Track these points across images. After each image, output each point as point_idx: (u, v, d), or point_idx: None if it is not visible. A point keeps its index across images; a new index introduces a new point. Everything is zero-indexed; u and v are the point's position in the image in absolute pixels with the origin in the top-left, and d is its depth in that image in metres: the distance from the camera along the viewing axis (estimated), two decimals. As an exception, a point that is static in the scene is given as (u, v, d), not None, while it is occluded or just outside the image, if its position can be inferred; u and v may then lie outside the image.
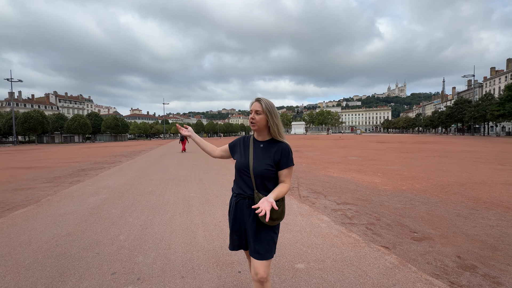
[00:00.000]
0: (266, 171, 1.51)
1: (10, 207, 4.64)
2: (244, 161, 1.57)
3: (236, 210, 1.60)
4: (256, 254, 1.48)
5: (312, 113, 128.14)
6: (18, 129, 48.16)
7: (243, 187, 1.57)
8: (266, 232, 1.52)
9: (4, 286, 2.14)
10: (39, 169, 10.15)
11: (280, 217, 1.50)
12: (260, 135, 1.62)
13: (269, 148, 1.57)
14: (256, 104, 1.55)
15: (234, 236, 1.63)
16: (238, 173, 1.61)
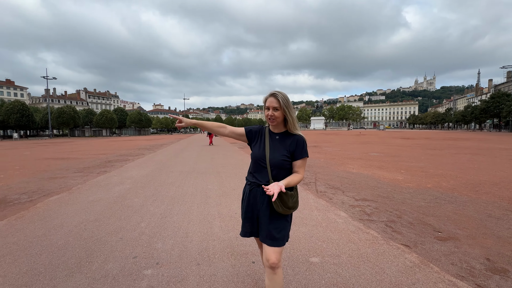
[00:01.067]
0: (282, 162, 1.54)
1: (46, 194, 5.05)
2: (261, 152, 1.60)
3: (249, 198, 1.63)
4: (268, 240, 1.52)
5: (332, 108, 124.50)
6: (53, 123, 52.05)
7: (258, 176, 1.60)
8: (279, 220, 1.55)
9: (40, 263, 2.35)
10: (71, 160, 10.93)
11: (294, 206, 1.54)
12: (276, 127, 1.64)
13: (285, 140, 1.60)
14: (273, 100, 1.54)
15: (247, 223, 1.66)
16: (254, 163, 1.64)
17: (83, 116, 60.40)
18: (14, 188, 5.57)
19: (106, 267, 2.27)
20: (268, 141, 1.63)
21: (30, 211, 3.93)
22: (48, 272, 2.20)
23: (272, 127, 1.66)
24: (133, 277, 2.11)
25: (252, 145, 1.70)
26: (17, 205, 4.29)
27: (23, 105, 49.36)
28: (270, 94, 1.57)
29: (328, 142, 20.89)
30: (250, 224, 1.65)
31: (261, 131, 1.72)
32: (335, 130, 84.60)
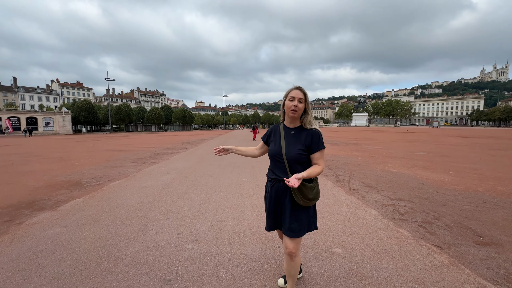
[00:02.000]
0: (298, 155, 1.60)
1: (109, 179, 6.02)
2: (277, 148, 1.67)
3: (271, 193, 1.71)
4: (289, 232, 1.61)
5: (377, 103, 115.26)
6: (112, 119, 59.22)
7: (278, 172, 1.67)
8: (300, 212, 1.63)
9: (109, 232, 2.95)
10: (127, 152, 12.51)
11: (315, 197, 1.62)
12: (293, 122, 1.70)
13: (300, 134, 1.66)
14: (298, 93, 1.62)
15: (270, 217, 1.74)
16: (272, 160, 1.72)
17: (136, 113, 67.36)
18: (86, 174, 6.74)
19: (157, 239, 2.75)
20: (283, 136, 1.69)
21: (99, 192, 4.79)
22: (114, 239, 2.77)
23: (289, 121, 1.70)
24: (177, 249, 2.54)
25: (270, 143, 1.78)
26: (89, 187, 5.24)
27: (89, 103, 57.22)
28: (294, 87, 1.64)
29: (369, 140, 19.74)
30: (273, 218, 1.72)
31: (276, 129, 1.79)
32: (380, 127, 78.60)
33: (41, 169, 7.60)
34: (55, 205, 4.05)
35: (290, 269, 1.70)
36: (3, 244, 2.68)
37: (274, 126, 1.83)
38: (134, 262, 2.29)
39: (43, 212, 3.72)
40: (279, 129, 1.76)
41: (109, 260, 2.34)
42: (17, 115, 46.20)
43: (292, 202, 1.62)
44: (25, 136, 35.79)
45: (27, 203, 4.15)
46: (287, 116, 1.68)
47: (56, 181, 5.81)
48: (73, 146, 16.80)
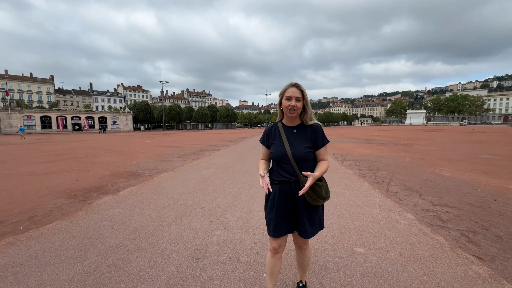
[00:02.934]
0: (306, 154, 1.55)
1: (159, 171, 6.84)
2: (281, 149, 1.58)
3: (280, 197, 1.59)
4: (305, 234, 1.60)
5: (438, 99, 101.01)
6: (165, 118, 65.37)
7: (285, 174, 1.58)
8: (313, 213, 1.61)
9: (154, 215, 3.45)
10: (175, 148, 13.82)
11: (326, 196, 1.57)
12: (293, 121, 1.63)
13: (303, 132, 1.60)
14: (295, 91, 1.53)
15: (280, 221, 1.60)
16: (277, 162, 1.62)
17: (185, 112, 73.01)
18: (141, 166, 7.76)
19: (191, 224, 3.13)
20: (285, 136, 1.60)
21: (150, 182, 5.52)
22: (158, 221, 3.24)
23: (288, 120, 1.63)
24: (207, 234, 2.86)
25: (271, 145, 1.66)
26: (143, 177, 6.07)
27: (147, 104, 64.24)
28: (290, 84, 1.54)
29: (423, 140, 17.75)
30: (286, 222, 1.61)
31: (274, 129, 1.68)
32: (440, 126, 69.31)
33: (108, 161, 9.01)
34: (116, 190, 4.85)
35: (302, 260, 1.77)
36: (78, 218, 3.39)
37: (270, 127, 1.72)
38: (171, 241, 2.68)
39: (107, 195, 4.50)
40: (277, 129, 1.66)
41: (152, 237, 2.78)
42: (92, 115, 54.67)
43: (305, 203, 1.58)
44: (99, 133, 42.07)
45: (96, 188, 5.06)
46: (286, 115, 1.61)
47: (118, 171, 6.86)
48: (132, 142, 19.24)
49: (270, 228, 1.63)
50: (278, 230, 1.60)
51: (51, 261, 2.31)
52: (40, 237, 2.82)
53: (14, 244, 2.66)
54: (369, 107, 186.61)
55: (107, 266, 2.22)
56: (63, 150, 13.24)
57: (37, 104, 75.71)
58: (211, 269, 2.18)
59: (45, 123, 48.54)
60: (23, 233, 2.93)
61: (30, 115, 46.96)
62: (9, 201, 4.18)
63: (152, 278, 2.05)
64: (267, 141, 1.71)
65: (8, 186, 5.23)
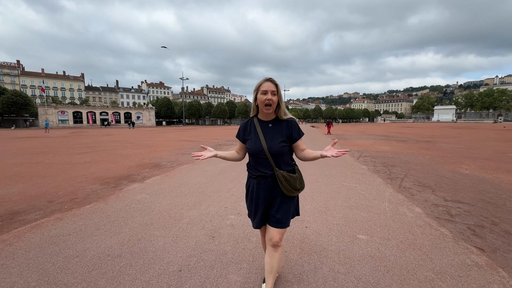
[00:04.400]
0: (282, 148, 1.59)
1: (180, 163, 7.33)
2: (257, 144, 1.61)
3: (259, 191, 1.64)
4: (278, 224, 1.61)
5: (471, 94, 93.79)
6: (185, 114, 67.36)
7: (262, 168, 1.62)
8: (287, 204, 1.65)
9: (176, 201, 3.84)
10: (194, 142, 14.42)
11: (301, 187, 1.64)
12: (268, 116, 1.65)
13: (279, 126, 1.64)
14: (270, 85, 1.56)
15: (259, 214, 1.67)
16: (253, 157, 1.66)
17: (204, 108, 74.67)
18: (164, 158, 8.32)
19: (209, 209, 3.47)
20: (260, 131, 1.62)
21: (171, 172, 5.98)
22: (179, 205, 3.62)
23: (263, 115, 1.65)
24: (223, 218, 3.18)
25: (247, 140, 1.69)
26: (165, 168, 6.57)
27: (168, 100, 66.58)
28: (265, 79, 1.58)
29: (450, 138, 16.90)
30: (263, 213, 1.68)
31: (249, 124, 1.70)
32: (472, 122, 64.69)
33: (134, 153, 9.72)
34: (142, 179, 5.35)
35: (273, 262, 1.66)
36: (111, 201, 3.87)
37: (246, 122, 1.74)
38: (190, 222, 3.04)
39: (135, 183, 5.00)
40: (253, 124, 1.69)
41: (174, 218, 3.15)
42: (118, 111, 57.84)
43: (281, 194, 1.63)
44: (129, 128, 43.16)
45: (125, 176, 5.60)
46: (261, 110, 1.63)
47: (143, 163, 7.45)
48: (155, 136, 20.27)
49: (252, 220, 1.74)
50: (257, 222, 1.69)
51: (92, 233, 2.75)
52: (81, 214, 3.31)
53: (61, 219, 3.16)
54: (393, 103, 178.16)
55: (137, 239, 2.61)
56: (94, 143, 14.36)
57: (69, 100, 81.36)
58: (225, 245, 2.49)
59: (77, 118, 52.25)
60: (68, 211, 3.44)
61: (64, 111, 50.77)
62: (54, 186, 4.80)
63: (175, 250, 2.40)
64: (242, 136, 1.73)
65: (51, 173, 5.94)
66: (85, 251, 2.39)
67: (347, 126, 48.50)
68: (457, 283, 1.93)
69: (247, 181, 1.79)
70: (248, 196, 1.77)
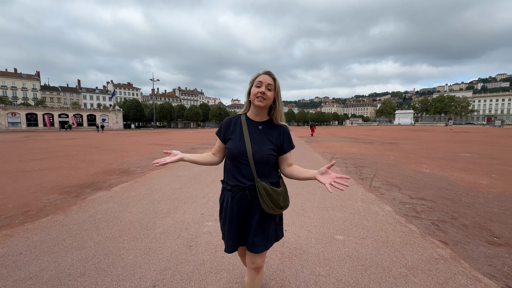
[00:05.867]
0: (269, 156, 1.34)
1: (151, 169, 6.93)
2: (240, 145, 1.34)
3: (233, 205, 1.37)
4: (255, 248, 1.35)
5: (426, 100, 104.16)
6: (156, 117, 64.56)
7: (240, 177, 1.35)
8: (268, 223, 1.39)
9: (147, 209, 3.59)
10: (167, 146, 13.83)
11: (285, 204, 1.39)
12: (259, 114, 1.40)
13: (270, 131, 1.40)
14: (268, 78, 1.33)
15: (233, 233, 1.40)
16: (232, 161, 1.38)
17: (176, 110, 72.28)
18: (133, 163, 7.82)
19: (184, 217, 3.29)
20: (247, 131, 1.37)
21: (142, 179, 5.63)
22: (152, 214, 3.39)
23: (254, 113, 1.40)
24: (199, 225, 3.03)
25: (228, 140, 1.41)
26: (135, 174, 6.16)
27: (137, 102, 63.25)
28: (263, 71, 1.36)
29: (410, 139, 18.39)
30: (237, 234, 1.40)
31: (234, 121, 1.44)
32: (427, 126, 71.42)
33: (99, 158, 9.00)
34: (109, 186, 4.94)
35: (254, 284, 1.47)
36: (73, 212, 3.49)
37: (231, 118, 1.47)
38: (165, 231, 2.85)
39: (100, 191, 4.60)
40: (239, 122, 1.42)
41: (146, 228, 2.93)
42: (80, 113, 53.41)
43: (261, 212, 1.37)
44: (97, 131, 39.25)
45: (89, 184, 5.13)
46: (253, 105, 1.38)
47: (110, 168, 6.91)
48: (123, 140, 19.07)
49: (225, 243, 1.44)
50: (230, 246, 1.41)
51: (49, 250, 2.44)
52: (36, 229, 2.93)
53: (11, 236, 2.76)
54: (360, 107, 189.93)
55: (104, 254, 2.37)
56: (52, 147, 13.04)
57: (22, 101, 73.26)
58: (203, 255, 2.37)
59: (31, 121, 47.13)
60: (19, 226, 3.02)
61: (15, 112, 45.51)
62: (2, 197, 4.22)
63: (147, 263, 2.22)
64: (224, 133, 1.44)
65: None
66: (41, 271, 2.09)
67: (319, 129, 50.42)
68: (427, 277, 2.04)
69: (221, 194, 1.49)
70: (221, 212, 1.48)
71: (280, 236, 1.51)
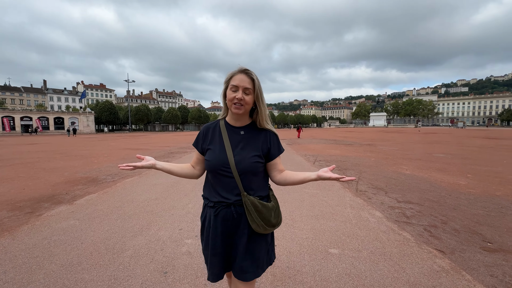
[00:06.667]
0: (254, 165, 1.16)
1: (123, 176, 6.32)
2: (220, 156, 1.16)
3: (216, 224, 1.18)
4: (244, 275, 1.16)
5: (397, 103, 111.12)
6: (132, 120, 61.64)
7: (223, 192, 1.17)
8: (258, 244, 1.20)
9: (116, 226, 3.12)
10: (143, 151, 13.01)
11: (278, 222, 1.22)
12: (240, 119, 1.22)
13: (254, 136, 1.22)
14: (244, 79, 1.12)
15: (218, 259, 1.19)
16: (213, 175, 1.19)
17: (154, 113, 69.63)
18: (103, 171, 7.12)
19: (159, 234, 2.88)
20: (227, 139, 1.19)
21: (112, 189, 5.05)
22: (121, 232, 2.93)
23: (233, 118, 1.23)
24: (177, 243, 2.65)
25: (207, 151, 1.22)
26: (104, 183, 5.54)
27: (111, 104, 59.95)
28: (239, 70, 1.14)
29: (386, 141, 19.11)
30: (222, 260, 1.20)
31: (212, 128, 1.27)
32: (399, 127, 75.66)
33: (64, 166, 8.12)
34: (72, 199, 4.34)
35: None
36: (23, 234, 2.93)
37: (209, 125, 1.29)
38: (135, 254, 2.43)
39: (61, 205, 4.00)
40: (218, 129, 1.25)
41: (113, 251, 2.49)
42: (46, 115, 49.40)
43: (249, 232, 1.18)
44: (68, 136, 35.69)
45: (47, 197, 4.47)
46: (231, 112, 1.20)
47: (76, 177, 6.20)
48: (94, 145, 17.73)
49: (208, 269, 1.22)
50: (214, 273, 1.20)
51: (-18, 289, 1.93)
52: (-30, 259, 2.37)
53: None
54: (337, 110, 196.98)
55: (56, 290, 1.91)
56: (9, 154, 11.67)
57: (-23, 102, 66.20)
58: (181, 283, 2.00)
59: (-13, 124, 42.67)
60: None
61: (-32, 115, 40.93)
62: None
63: (111, 300, 1.81)
64: (202, 143, 1.26)
65: None
66: (-35, 322, 1.61)
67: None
68: (433, 295, 1.86)
69: (203, 211, 1.28)
70: (203, 236, 1.26)
71: (272, 259, 1.31)
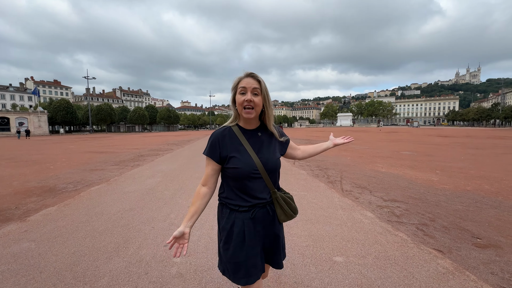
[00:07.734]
0: (279, 161, 1.26)
1: (87, 184, 5.58)
2: (249, 161, 1.16)
3: (255, 226, 1.19)
4: (277, 265, 1.30)
5: (360, 104, 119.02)
6: (93, 120, 56.69)
7: (256, 193, 1.18)
8: (282, 233, 1.34)
9: (85, 246, 2.63)
10: (108, 154, 11.87)
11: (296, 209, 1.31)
12: (251, 122, 1.24)
13: (268, 135, 1.28)
14: (252, 81, 1.14)
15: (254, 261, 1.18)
16: (240, 182, 1.17)
17: (118, 113, 64.88)
18: (62, 178, 6.23)
19: (141, 253, 2.47)
20: (248, 142, 1.20)
21: (75, 199, 4.38)
22: (91, 254, 2.46)
23: (245, 122, 1.23)
24: (164, 264, 2.28)
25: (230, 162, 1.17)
26: (65, 193, 4.80)
27: (67, 103, 54.41)
28: (245, 74, 1.16)
29: (355, 140, 20.10)
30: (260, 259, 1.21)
31: (228, 136, 1.22)
32: (364, 127, 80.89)
33: (11, 173, 6.96)
34: (24, 215, 3.63)
35: None
36: (-44, 265, 2.29)
37: (221, 132, 1.22)
38: (113, 282, 2.01)
39: (9, 223, 3.31)
40: (234, 135, 1.22)
41: (84, 280, 2.04)
42: (-14, 115, 43.04)
43: (277, 225, 1.27)
44: (18, 138, 30.54)
45: (-10, 214, 3.69)
46: (241, 116, 1.21)
47: (27, 187, 5.30)
48: (49, 148, 15.79)
49: (240, 275, 1.16)
50: (253, 274, 1.16)
51: None
52: None
53: None
54: (306, 110, 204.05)
55: None
56: None
57: None
58: (175, 315, 1.67)
59: None
60: None
61: None
62: None
63: None
64: (221, 152, 1.19)
65: None
66: None
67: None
68: (449, 301, 1.80)
69: (226, 220, 1.19)
70: (231, 242, 1.17)
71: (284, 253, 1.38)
